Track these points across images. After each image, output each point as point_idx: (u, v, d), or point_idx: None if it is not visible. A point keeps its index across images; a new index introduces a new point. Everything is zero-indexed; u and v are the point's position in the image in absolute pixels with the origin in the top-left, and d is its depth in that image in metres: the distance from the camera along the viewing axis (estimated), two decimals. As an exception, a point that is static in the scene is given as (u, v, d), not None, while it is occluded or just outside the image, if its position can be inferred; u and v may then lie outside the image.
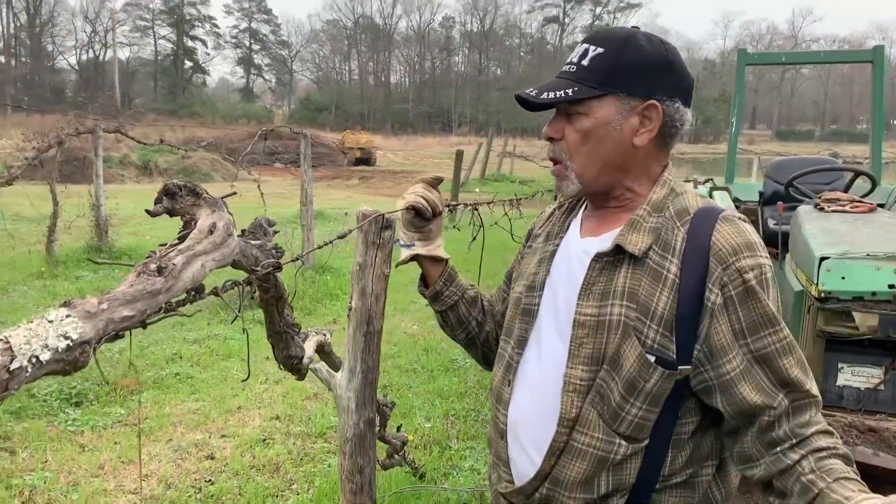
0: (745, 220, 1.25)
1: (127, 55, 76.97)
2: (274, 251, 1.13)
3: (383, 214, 1.34)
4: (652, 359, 1.19)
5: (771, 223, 4.57)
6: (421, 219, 1.47)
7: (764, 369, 1.17)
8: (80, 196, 9.16)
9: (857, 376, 2.83)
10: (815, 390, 1.19)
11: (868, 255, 2.75)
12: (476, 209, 2.33)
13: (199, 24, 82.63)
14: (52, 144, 8.14)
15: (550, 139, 1.31)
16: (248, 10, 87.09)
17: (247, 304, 1.52)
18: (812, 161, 4.89)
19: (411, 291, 7.96)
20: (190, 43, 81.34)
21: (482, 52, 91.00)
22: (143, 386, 4.91)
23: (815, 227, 3.19)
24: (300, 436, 4.19)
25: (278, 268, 1.11)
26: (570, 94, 1.23)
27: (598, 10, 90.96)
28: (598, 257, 1.27)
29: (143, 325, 0.81)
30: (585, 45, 1.27)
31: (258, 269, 1.07)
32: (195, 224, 0.93)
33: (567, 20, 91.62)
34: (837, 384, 2.86)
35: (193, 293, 0.88)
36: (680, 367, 1.19)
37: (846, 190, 4.07)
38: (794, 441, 1.15)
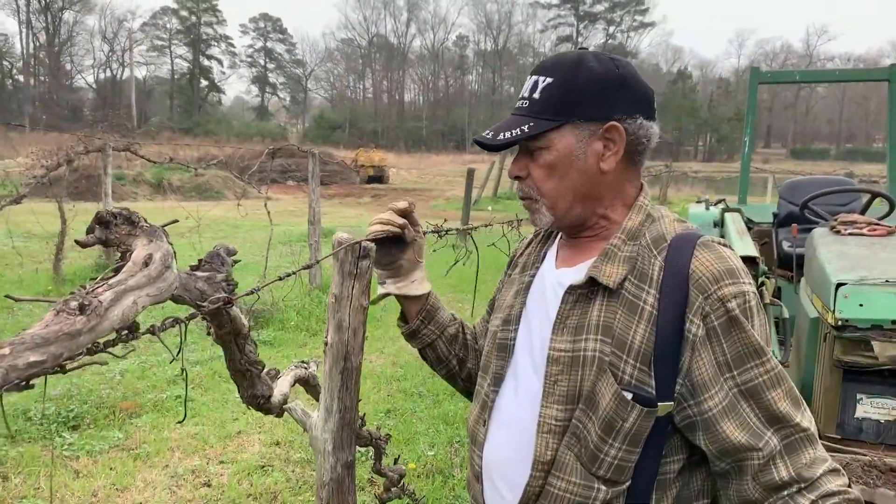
0: (725, 245, 1.19)
1: (144, 74, 78.01)
2: (224, 284, 1.03)
3: (360, 242, 1.24)
4: (629, 396, 1.12)
5: (785, 245, 4.44)
6: (386, 252, 1.40)
7: (750, 404, 1.11)
8: (89, 214, 9.14)
9: (876, 408, 2.70)
10: (806, 422, 1.12)
11: (887, 281, 2.62)
12: (469, 233, 2.23)
13: (216, 44, 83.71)
14: (61, 163, 8.14)
15: (517, 178, 1.27)
16: (263, 29, 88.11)
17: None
18: (827, 181, 4.76)
19: (419, 312, 7.88)
20: (206, 62, 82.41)
21: (496, 71, 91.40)
22: (142, 409, 4.82)
23: (830, 251, 3.07)
24: (300, 462, 4.08)
25: (228, 303, 1.01)
26: (527, 130, 1.19)
27: (612, 28, 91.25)
28: (572, 289, 1.21)
29: (62, 370, 0.71)
30: (535, 77, 1.22)
31: (205, 304, 0.98)
32: (130, 256, 0.84)
33: (581, 39, 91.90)
34: (856, 416, 2.73)
35: (125, 332, 0.79)
36: (660, 404, 1.12)
37: (863, 212, 3.93)
38: (801, 485, 1.09)
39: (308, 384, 1.78)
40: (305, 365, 1.60)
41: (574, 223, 1.26)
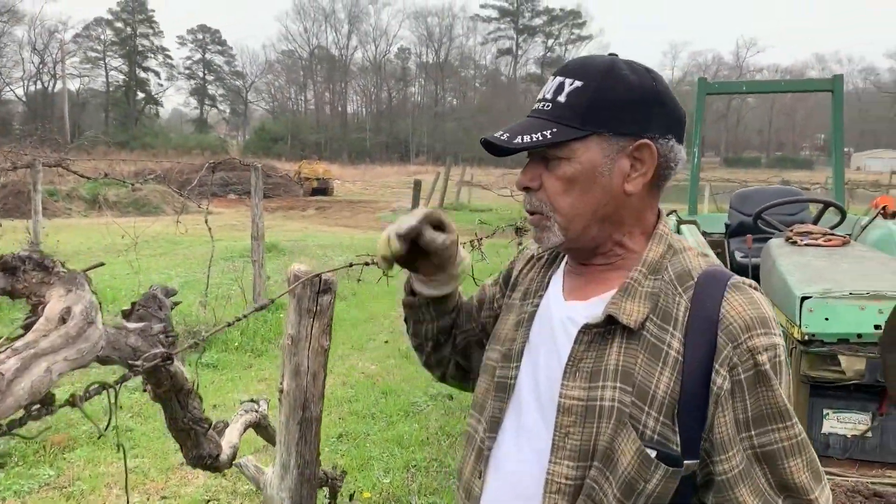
0: (756, 289, 1.07)
1: (77, 86, 75.68)
2: (162, 336, 0.87)
3: (320, 275, 1.09)
4: (653, 454, 0.98)
5: (739, 256, 4.44)
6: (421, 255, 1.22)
7: (764, 469, 0.99)
8: (18, 232, 8.71)
9: (843, 423, 2.67)
10: (823, 500, 1.01)
11: (851, 293, 2.59)
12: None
13: (152, 55, 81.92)
14: (-15, 180, 7.71)
15: (527, 189, 1.11)
16: (201, 41, 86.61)
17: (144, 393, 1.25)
18: (778, 192, 4.79)
19: (368, 328, 7.68)
20: (142, 74, 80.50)
21: (438, 83, 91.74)
22: (76, 442, 4.51)
23: (790, 263, 3.04)
24: (248, 495, 3.86)
25: (168, 359, 0.86)
26: (549, 136, 1.04)
27: (550, 42, 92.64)
28: (587, 329, 1.07)
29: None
30: (560, 79, 1.08)
31: (139, 363, 0.82)
32: (43, 310, 0.68)
33: (520, 52, 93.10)
34: (823, 432, 2.69)
35: (36, 408, 0.63)
36: (686, 462, 0.99)
37: (816, 222, 3.95)
38: None
39: (259, 426, 1.61)
40: (255, 405, 1.43)
41: (586, 247, 1.12)
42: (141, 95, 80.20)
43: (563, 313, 1.13)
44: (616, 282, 1.10)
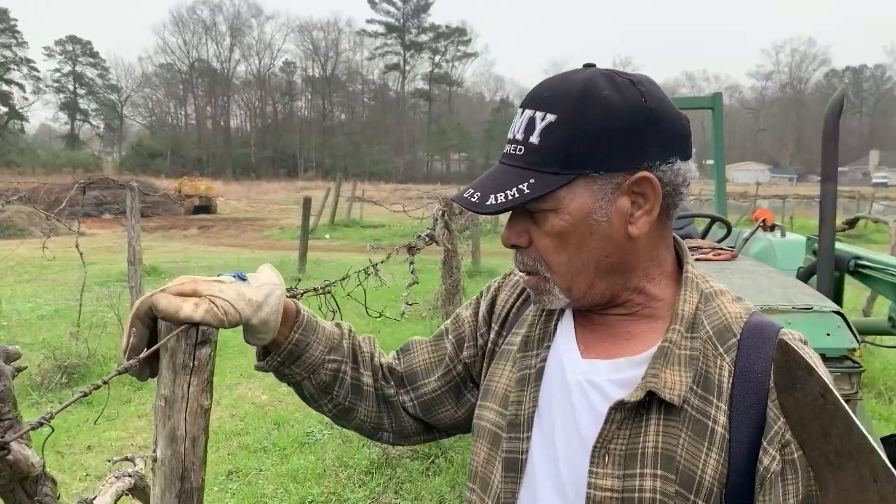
0: (807, 343, 0.91)
1: (-70, 99, 70.01)
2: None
3: (196, 325, 0.92)
4: None
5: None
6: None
7: None
8: None
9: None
10: None
11: (745, 308, 2.62)
12: (328, 292, 1.94)
13: (15, 67, 76.99)
14: None
15: (514, 246, 0.94)
16: (71, 52, 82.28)
17: None
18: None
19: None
20: (4, 87, 75.44)
21: (325, 98, 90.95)
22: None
23: (683, 279, 3.07)
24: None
25: (3, 451, 0.68)
26: (527, 190, 0.86)
27: (437, 58, 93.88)
28: (619, 406, 0.87)
29: None
30: (530, 112, 0.89)
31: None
32: None
33: (408, 68, 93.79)
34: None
35: None
36: None
37: (704, 236, 4.05)
38: None
39: (136, 489, 1.41)
40: (128, 469, 1.23)
41: (597, 303, 0.94)
42: (3, 110, 75.11)
43: (581, 375, 0.94)
44: (643, 337, 0.93)
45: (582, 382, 0.92)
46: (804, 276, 3.40)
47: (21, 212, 20.93)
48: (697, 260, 3.39)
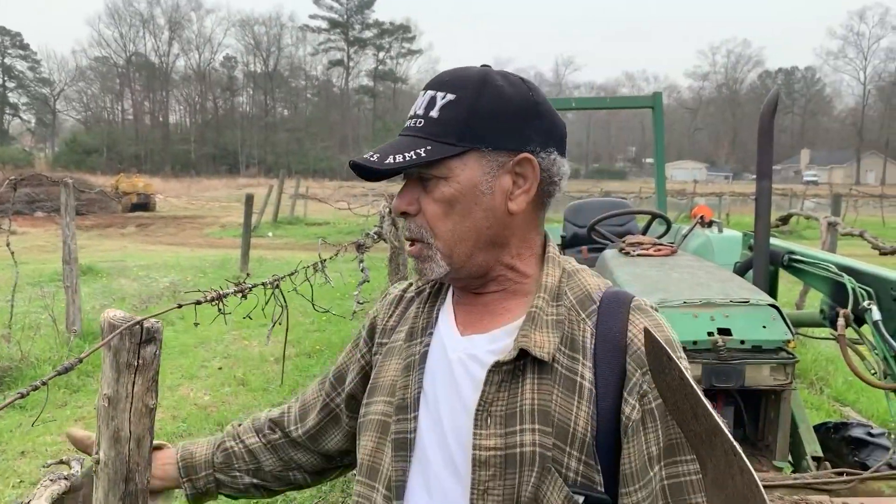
0: (657, 309, 1.03)
1: None
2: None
3: (141, 322, 0.90)
4: (581, 500, 0.91)
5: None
6: None
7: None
8: None
9: (680, 428, 2.76)
10: None
11: (685, 302, 2.69)
12: (276, 286, 1.91)
13: (-61, 58, 73.60)
14: None
15: (404, 214, 1.00)
16: (0, 44, 78.92)
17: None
18: (606, 203, 5.00)
19: (200, 354, 7.20)
20: (-72, 78, 72.15)
21: (267, 93, 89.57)
22: None
23: (625, 273, 3.13)
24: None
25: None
26: (423, 154, 0.94)
27: (381, 54, 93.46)
28: (497, 367, 0.95)
29: None
30: (431, 93, 0.98)
31: None
32: None
33: (352, 64, 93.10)
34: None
35: None
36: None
37: (645, 232, 4.14)
38: None
39: (72, 492, 1.37)
40: (63, 472, 1.19)
41: (474, 275, 1.02)
42: (-74, 102, 71.86)
43: (461, 350, 1.02)
44: (516, 310, 1.02)
45: (463, 358, 1.00)
46: (740, 270, 3.51)
47: (-54, 209, 20.09)
48: (639, 255, 3.47)
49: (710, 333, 2.59)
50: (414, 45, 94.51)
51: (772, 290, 3.52)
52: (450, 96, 0.96)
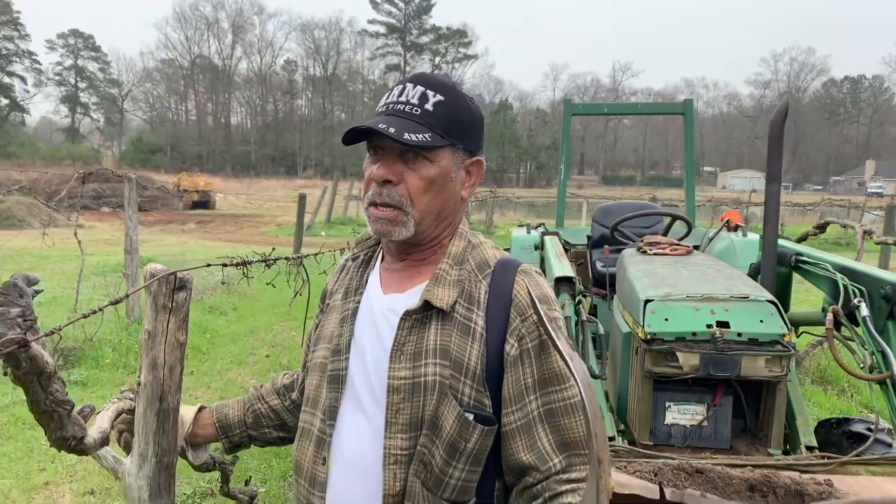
0: (540, 274, 1.29)
1: (-70, 90, 70.07)
2: (20, 321, 0.92)
3: (175, 273, 1.17)
4: (471, 417, 1.15)
5: (599, 265, 4.74)
6: None
7: (546, 429, 1.16)
8: None
9: (682, 414, 2.92)
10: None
11: (688, 296, 2.86)
12: (301, 262, 2.18)
13: (17, 60, 77.09)
14: None
15: (387, 182, 1.21)
16: (73, 46, 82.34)
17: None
18: (634, 206, 5.15)
19: (250, 342, 7.58)
20: (6, 79, 75.55)
21: (326, 97, 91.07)
22: (-74, 466, 4.25)
23: (638, 270, 3.31)
24: (116, 512, 3.77)
25: (24, 346, 0.91)
26: (429, 139, 1.18)
27: (437, 59, 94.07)
28: (407, 315, 1.21)
29: None
30: (422, 88, 1.22)
31: (-6, 345, 0.87)
32: None
33: (408, 68, 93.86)
34: (666, 423, 2.93)
35: None
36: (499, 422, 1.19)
37: (665, 233, 4.29)
38: (546, 496, 1.14)
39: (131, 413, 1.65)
40: (130, 396, 1.46)
41: (420, 242, 1.27)
42: (5, 101, 75.26)
43: (383, 306, 1.26)
44: (428, 275, 1.27)
45: (385, 311, 1.26)
46: (754, 271, 3.64)
47: (20, 203, 21.15)
48: (654, 254, 3.64)
49: (708, 326, 2.76)
50: (470, 50, 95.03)
51: (784, 290, 3.64)
52: (440, 96, 1.21)
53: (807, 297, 7.84)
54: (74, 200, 12.25)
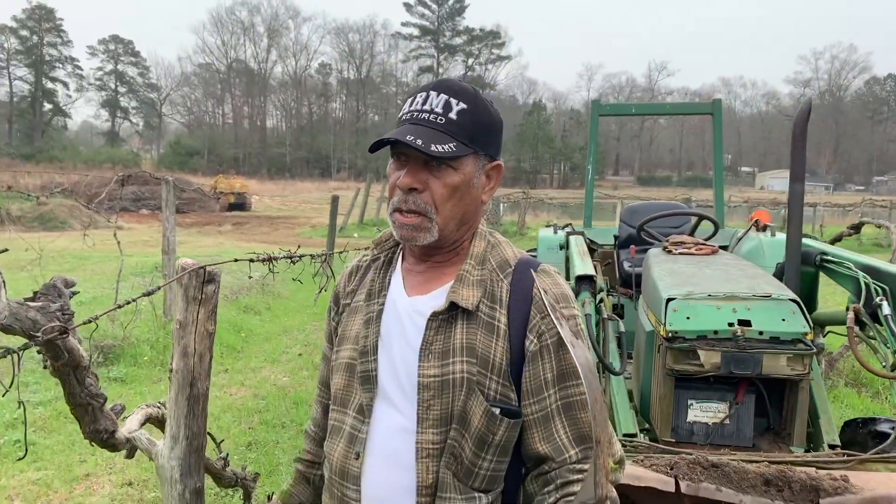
0: (559, 273, 1.34)
1: (-22, 96, 72.14)
2: (59, 314, 1.01)
3: (204, 267, 1.25)
4: (497, 411, 1.21)
5: (626, 265, 4.75)
6: None
7: (564, 421, 1.22)
8: (-88, 247, 8.33)
9: (704, 412, 2.94)
10: (616, 447, 1.24)
11: (710, 295, 2.88)
12: (325, 260, 2.26)
13: (60, 66, 79.00)
14: None
15: (412, 189, 1.25)
16: (113, 51, 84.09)
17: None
18: (661, 206, 5.16)
19: (283, 340, 7.73)
20: (49, 84, 77.50)
21: (360, 99, 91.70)
22: (-26, 457, 4.43)
23: (662, 270, 3.33)
24: (154, 503, 3.90)
25: (63, 333, 0.99)
26: (454, 149, 1.22)
27: (471, 61, 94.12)
28: (434, 316, 1.26)
29: None
30: (445, 96, 1.25)
31: (38, 334, 0.96)
32: (-45, 286, 0.82)
33: (442, 70, 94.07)
34: (688, 420, 2.95)
35: (-50, 366, 0.77)
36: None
37: (691, 233, 4.30)
38: (558, 483, 1.20)
39: (160, 422, 1.74)
40: (158, 404, 1.56)
41: (443, 245, 1.31)
42: (48, 106, 77.24)
43: (408, 307, 1.31)
44: (451, 276, 1.31)
45: (410, 312, 1.30)
46: (780, 271, 3.64)
47: (62, 205, 21.71)
48: (680, 254, 3.66)
49: (730, 324, 2.78)
50: (503, 51, 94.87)
51: (811, 290, 3.63)
52: (463, 104, 1.24)
53: (843, 299, 7.74)
54: (114, 203, 12.56)
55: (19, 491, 3.99)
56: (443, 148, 1.20)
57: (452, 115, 1.23)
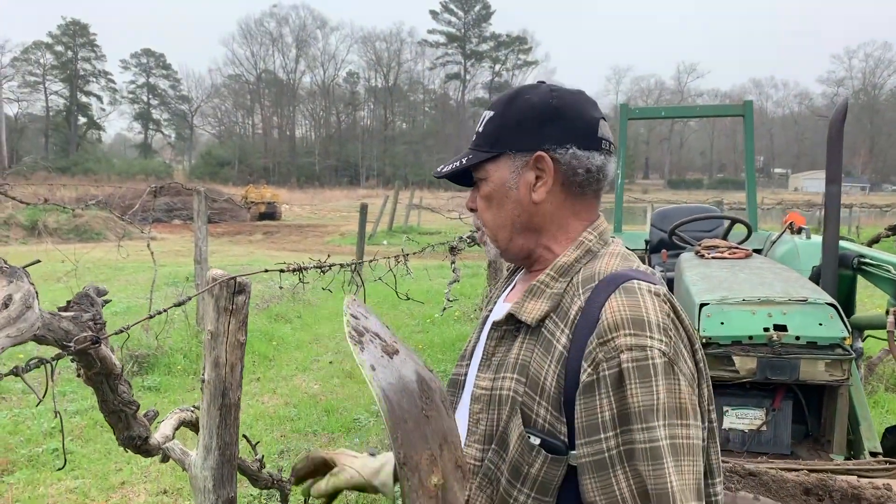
0: (654, 294, 1.07)
1: (16, 111, 73.94)
2: (91, 324, 1.02)
3: (235, 278, 1.25)
4: (536, 441, 1.06)
5: (657, 270, 4.70)
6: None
7: (626, 471, 1.00)
8: (-47, 260, 8.53)
9: (741, 419, 2.89)
10: None
11: (744, 300, 2.84)
12: (355, 269, 2.26)
13: (94, 80, 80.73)
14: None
15: (472, 210, 1.27)
16: (146, 65, 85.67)
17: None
18: (693, 209, 5.10)
19: (313, 349, 7.77)
20: (84, 98, 79.19)
21: (387, 107, 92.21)
22: (14, 465, 4.51)
23: (695, 274, 3.29)
24: (188, 510, 3.93)
25: (96, 342, 1.00)
26: (464, 162, 1.21)
27: (497, 67, 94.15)
28: (496, 326, 1.19)
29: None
30: (484, 112, 1.25)
31: (70, 344, 0.97)
32: (-11, 299, 0.83)
33: (468, 77, 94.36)
34: (724, 428, 2.91)
35: (-16, 377, 0.78)
36: (572, 452, 1.05)
37: (724, 237, 4.24)
38: None
39: (194, 426, 1.75)
40: (192, 408, 1.57)
41: (520, 255, 1.24)
42: (83, 120, 78.92)
43: (494, 315, 1.25)
44: None
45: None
46: (816, 274, 3.57)
47: (97, 217, 22.11)
48: (712, 258, 3.61)
49: (765, 329, 2.73)
50: (530, 57, 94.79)
51: (849, 293, 3.56)
52: (489, 113, 1.22)
53: (882, 301, 7.57)
54: (147, 213, 12.76)
55: (58, 500, 4.05)
56: (452, 166, 1.22)
57: (480, 128, 1.22)
